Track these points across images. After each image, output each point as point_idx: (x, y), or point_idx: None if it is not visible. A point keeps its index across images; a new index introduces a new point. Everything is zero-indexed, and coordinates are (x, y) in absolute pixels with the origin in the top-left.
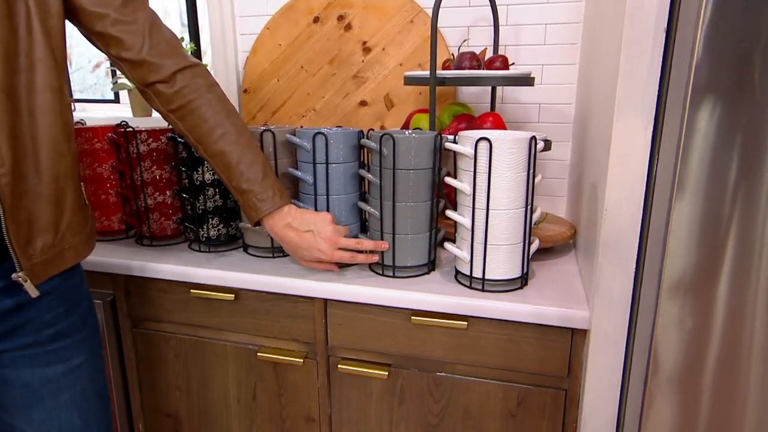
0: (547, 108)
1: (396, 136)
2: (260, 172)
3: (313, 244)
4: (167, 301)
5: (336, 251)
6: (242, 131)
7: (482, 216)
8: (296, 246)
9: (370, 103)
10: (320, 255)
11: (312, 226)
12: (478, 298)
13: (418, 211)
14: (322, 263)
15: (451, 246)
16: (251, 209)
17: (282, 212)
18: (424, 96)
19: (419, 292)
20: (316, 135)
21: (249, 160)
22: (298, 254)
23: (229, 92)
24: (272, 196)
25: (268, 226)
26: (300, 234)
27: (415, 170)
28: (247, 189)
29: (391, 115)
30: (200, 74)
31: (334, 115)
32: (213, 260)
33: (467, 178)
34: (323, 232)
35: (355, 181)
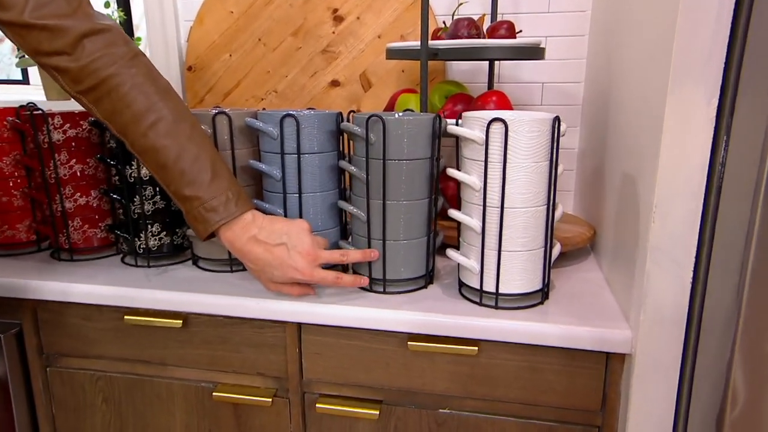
0: (552, 87)
1: (386, 119)
2: (208, 171)
3: (287, 261)
4: (94, 331)
5: (316, 269)
6: (181, 117)
7: (495, 216)
8: (265, 264)
9: (344, 82)
10: (296, 275)
11: (285, 238)
12: (491, 317)
13: (413, 211)
14: (297, 286)
15: (456, 254)
16: (198, 221)
17: (243, 221)
18: (409, 73)
19: (417, 312)
20: (284, 118)
21: (192, 155)
22: (267, 275)
23: (170, 71)
24: (226, 201)
25: (226, 240)
26: (270, 249)
27: (409, 161)
28: (190, 195)
29: (369, 97)
30: (117, 41)
31: (299, 97)
32: (154, 277)
33: (476, 170)
34: (299, 245)
35: (334, 175)
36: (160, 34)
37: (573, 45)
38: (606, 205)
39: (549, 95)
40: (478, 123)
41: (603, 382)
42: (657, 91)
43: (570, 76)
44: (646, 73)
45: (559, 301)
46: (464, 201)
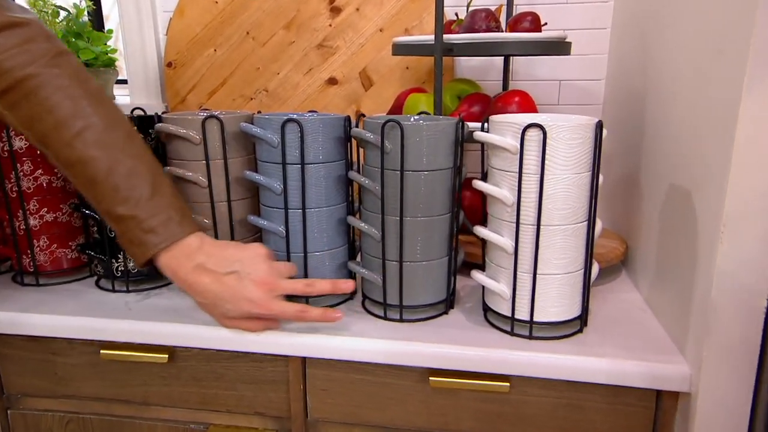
0: (570, 86)
1: (405, 124)
2: (146, 187)
3: (240, 291)
4: (64, 368)
5: (275, 301)
6: (114, 124)
7: (530, 235)
8: (215, 297)
9: (342, 80)
10: (251, 308)
11: (237, 266)
12: (525, 350)
13: (433, 228)
14: (255, 321)
15: (483, 277)
16: (134, 244)
17: (187, 246)
18: (414, 71)
19: (439, 344)
20: (286, 123)
21: (127, 168)
22: (219, 309)
23: (147, 68)
24: (167, 221)
25: (168, 268)
26: (219, 278)
27: (429, 171)
28: (125, 214)
29: (370, 97)
30: (36, 37)
31: (293, 96)
32: (134, 304)
33: (507, 182)
34: (254, 273)
35: (341, 187)
36: (134, 26)
37: (594, 39)
38: (642, 218)
39: (567, 94)
40: (510, 129)
41: (653, 422)
42: (726, 90)
43: (590, 72)
44: (706, 70)
45: (599, 328)
46: (492, 217)
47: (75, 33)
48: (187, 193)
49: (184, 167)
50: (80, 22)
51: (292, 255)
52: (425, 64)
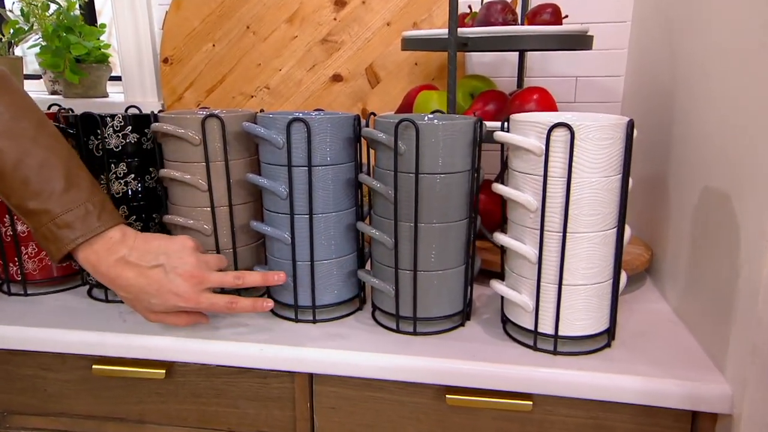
0: (587, 83)
1: (420, 124)
2: (60, 179)
3: (166, 285)
4: (54, 384)
5: (203, 294)
6: (22, 113)
7: (555, 243)
8: (139, 291)
9: (347, 77)
10: (177, 301)
11: (162, 259)
12: (549, 366)
13: (449, 234)
14: (184, 315)
15: (504, 287)
16: (49, 241)
17: (108, 240)
18: (423, 67)
19: (457, 359)
20: (291, 123)
21: (38, 160)
22: (143, 303)
23: (142, 63)
24: (85, 215)
25: (87, 263)
26: (143, 272)
27: (445, 174)
28: (37, 209)
29: (377, 94)
30: None
31: (296, 94)
32: (130, 316)
33: (530, 186)
34: (181, 266)
35: (350, 191)
36: (129, 20)
37: (613, 33)
38: (670, 222)
39: (584, 91)
40: (534, 129)
41: None
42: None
43: (609, 68)
44: (750, 65)
45: (627, 342)
46: (514, 223)
47: (66, 27)
48: (185, 197)
49: (183, 169)
50: (72, 15)
51: (298, 263)
52: (435, 59)
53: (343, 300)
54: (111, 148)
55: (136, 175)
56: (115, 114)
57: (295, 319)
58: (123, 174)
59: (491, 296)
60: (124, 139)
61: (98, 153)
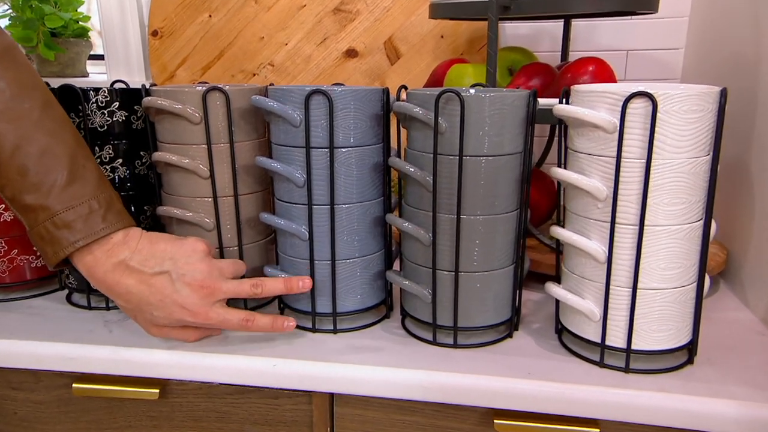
0: (640, 56)
1: (465, 95)
2: (63, 170)
3: (171, 296)
4: (27, 406)
5: (214, 308)
6: (26, 92)
7: (629, 238)
8: (140, 301)
9: (363, 52)
10: (184, 315)
11: (168, 265)
12: (620, 386)
13: (496, 228)
14: (192, 329)
15: (563, 292)
16: (45, 242)
17: (109, 243)
18: (450, 39)
19: (507, 377)
20: (311, 95)
21: (39, 147)
22: (145, 315)
23: (127, 36)
24: (88, 215)
25: (82, 265)
26: (146, 279)
27: (493, 157)
28: (34, 204)
29: (397, 72)
30: None
31: (304, 72)
32: (116, 325)
33: (598, 170)
34: (189, 274)
35: (377, 178)
36: None
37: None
38: (754, 216)
39: (636, 66)
40: (605, 101)
41: None
42: None
43: (665, 40)
44: None
45: (713, 359)
46: (575, 215)
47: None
48: (182, 185)
49: (180, 153)
50: None
51: (316, 263)
52: (464, 31)
53: (369, 306)
54: (95, 128)
55: (124, 159)
56: (100, 87)
57: (313, 329)
58: (109, 158)
59: (538, 302)
60: (110, 117)
61: (80, 133)
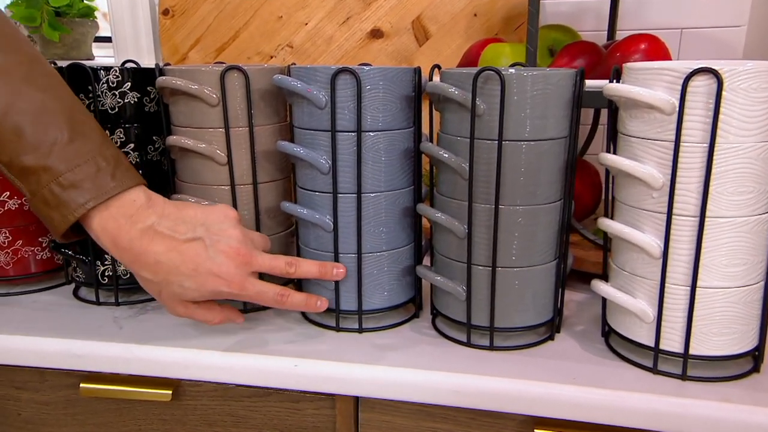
0: (695, 35)
1: (506, 74)
2: (62, 127)
3: (205, 264)
4: (31, 407)
5: (250, 278)
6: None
7: (689, 231)
8: (169, 272)
9: (389, 32)
10: (219, 286)
11: (200, 231)
12: (676, 395)
13: (538, 220)
14: (216, 308)
15: (612, 290)
16: (51, 207)
17: (128, 203)
18: (484, 19)
19: (549, 382)
20: (337, 75)
21: (35, 104)
22: (172, 289)
23: (136, 16)
24: (97, 173)
25: (104, 233)
26: (177, 246)
27: (535, 142)
28: (34, 166)
29: (426, 54)
30: None
31: (325, 54)
32: (126, 322)
33: (653, 155)
34: (224, 241)
35: (408, 165)
36: None
37: None
38: None
39: (690, 46)
40: (663, 78)
41: None
42: None
43: (724, 17)
44: None
45: None
46: (626, 205)
47: None
48: (198, 172)
49: (196, 137)
50: None
51: (341, 256)
52: (499, 9)
53: (396, 304)
54: (105, 110)
55: (136, 144)
56: (111, 66)
57: (337, 328)
58: (120, 143)
59: (582, 303)
60: (121, 98)
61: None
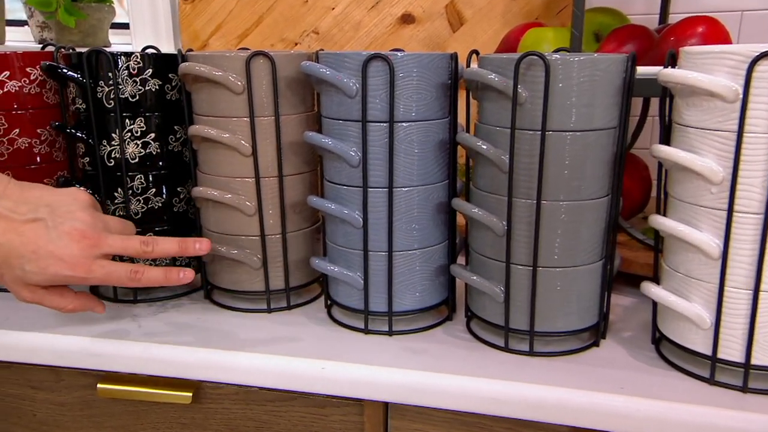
0: (758, 18)
1: (550, 59)
2: None
3: (47, 246)
4: (45, 408)
5: (97, 261)
6: None
7: (752, 229)
8: (9, 253)
9: (420, 18)
10: (62, 269)
11: (43, 212)
12: (736, 408)
13: (583, 218)
14: (69, 294)
15: (664, 293)
16: None
17: None
18: (523, 3)
19: (594, 391)
20: (369, 61)
21: None
22: (14, 272)
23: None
24: None
25: None
26: (16, 227)
27: (581, 132)
28: None
29: (459, 40)
30: None
31: (353, 40)
32: (145, 320)
33: (712, 147)
34: (68, 223)
35: (443, 157)
36: None
37: None
38: None
39: (751, 28)
40: (724, 63)
41: None
42: None
43: None
44: None
45: None
46: (680, 202)
47: None
48: (221, 163)
49: (219, 126)
50: None
51: (370, 254)
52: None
53: (429, 306)
54: (126, 98)
55: (157, 134)
56: (132, 52)
57: (365, 330)
58: (141, 133)
59: (629, 307)
60: (142, 85)
61: (109, 104)
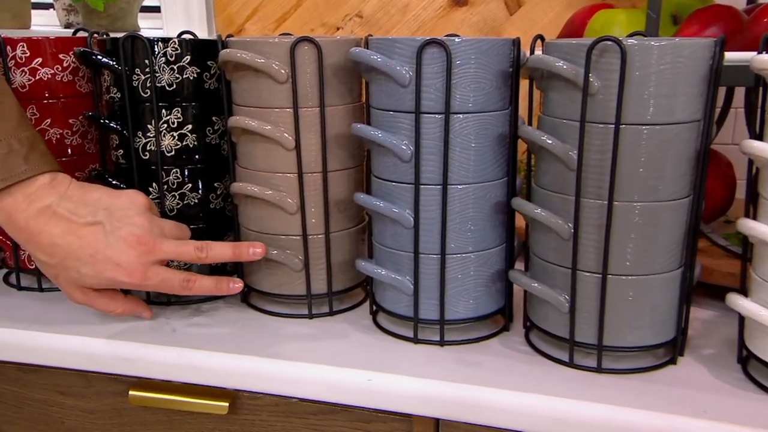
0: None
1: (627, 44)
2: None
3: (104, 251)
4: (75, 415)
5: (152, 268)
6: None
7: None
8: (65, 256)
9: (474, 0)
10: (118, 275)
11: (102, 215)
12: None
13: (659, 221)
14: (119, 298)
15: (755, 306)
16: None
17: (33, 186)
18: None
19: (673, 414)
20: (424, 47)
21: None
22: (69, 274)
23: None
24: (8, 154)
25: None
26: (75, 230)
27: (660, 126)
28: None
29: (517, 24)
30: None
31: (400, 24)
32: (179, 323)
33: None
34: (126, 228)
35: (502, 152)
36: None
37: None
38: None
39: None
40: None
41: None
42: None
43: None
44: None
45: None
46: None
47: None
48: (262, 157)
49: (260, 117)
50: None
51: (421, 257)
52: None
53: (484, 314)
54: (162, 86)
55: (194, 125)
56: (169, 38)
57: (415, 339)
58: (177, 124)
59: (710, 321)
60: (180, 73)
61: (145, 93)
